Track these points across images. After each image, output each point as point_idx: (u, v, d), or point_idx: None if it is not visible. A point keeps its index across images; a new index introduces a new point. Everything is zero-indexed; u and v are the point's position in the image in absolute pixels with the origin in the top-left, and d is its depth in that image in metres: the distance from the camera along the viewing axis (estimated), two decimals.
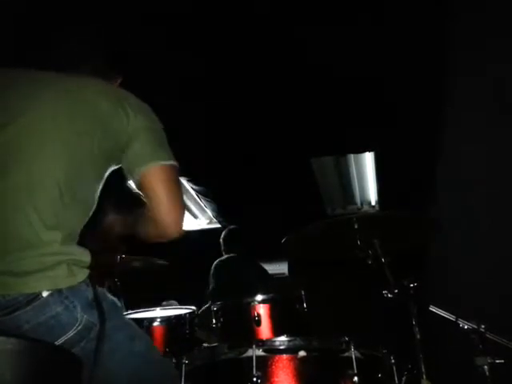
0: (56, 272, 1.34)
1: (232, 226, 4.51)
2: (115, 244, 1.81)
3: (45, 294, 1.32)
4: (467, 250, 3.67)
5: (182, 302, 2.99)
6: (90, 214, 1.51)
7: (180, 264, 4.09)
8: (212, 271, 4.07)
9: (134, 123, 1.51)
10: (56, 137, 1.43)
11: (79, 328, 1.35)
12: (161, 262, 3.25)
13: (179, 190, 1.58)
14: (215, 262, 4.12)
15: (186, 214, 5.72)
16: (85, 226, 1.49)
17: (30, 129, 1.43)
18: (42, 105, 1.47)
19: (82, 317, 1.36)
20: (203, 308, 2.87)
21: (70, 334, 1.34)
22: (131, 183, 1.59)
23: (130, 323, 1.56)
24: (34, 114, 1.45)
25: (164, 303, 3.04)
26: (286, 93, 3.66)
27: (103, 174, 1.54)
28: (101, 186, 1.54)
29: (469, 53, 3.15)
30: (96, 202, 1.53)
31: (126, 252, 2.67)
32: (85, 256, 1.44)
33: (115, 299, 1.53)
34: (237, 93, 3.61)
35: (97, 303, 1.39)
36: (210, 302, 2.71)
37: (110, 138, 1.50)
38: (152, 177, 1.51)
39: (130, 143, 1.51)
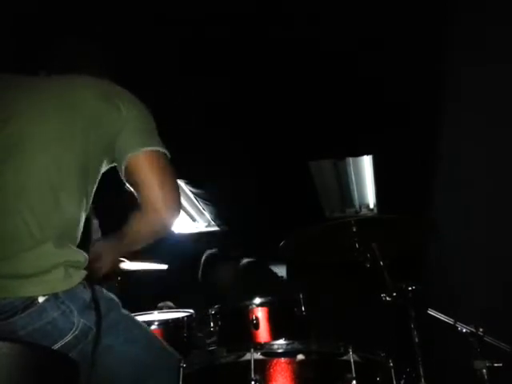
0: (53, 275, 1.34)
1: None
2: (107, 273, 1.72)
3: (41, 299, 1.31)
4: (466, 253, 3.66)
5: (180, 305, 2.97)
6: (85, 214, 1.50)
7: (178, 267, 4.08)
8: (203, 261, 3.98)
9: (126, 117, 1.50)
10: (48, 137, 1.43)
11: (76, 333, 1.35)
12: (159, 264, 3.24)
13: (170, 175, 1.52)
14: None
15: (185, 216, 5.70)
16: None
17: (23, 130, 1.43)
18: (34, 107, 1.47)
19: (79, 321, 1.36)
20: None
21: (67, 338, 1.34)
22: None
23: (128, 318, 1.56)
24: (26, 116, 1.45)
25: (160, 305, 3.02)
26: (284, 95, 3.66)
27: (97, 173, 1.53)
28: (95, 185, 1.53)
29: (469, 53, 3.15)
30: (90, 202, 1.52)
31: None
32: (81, 257, 1.43)
33: (113, 296, 1.53)
34: (235, 95, 3.61)
35: (94, 304, 1.39)
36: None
37: (102, 135, 1.49)
38: (140, 162, 1.47)
39: (120, 134, 1.50)
